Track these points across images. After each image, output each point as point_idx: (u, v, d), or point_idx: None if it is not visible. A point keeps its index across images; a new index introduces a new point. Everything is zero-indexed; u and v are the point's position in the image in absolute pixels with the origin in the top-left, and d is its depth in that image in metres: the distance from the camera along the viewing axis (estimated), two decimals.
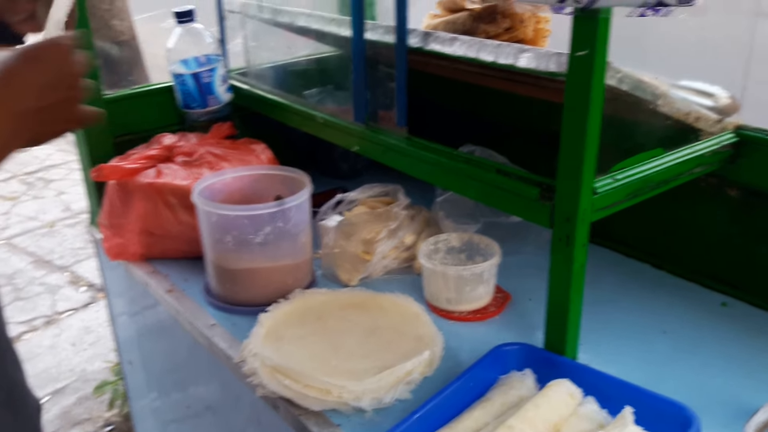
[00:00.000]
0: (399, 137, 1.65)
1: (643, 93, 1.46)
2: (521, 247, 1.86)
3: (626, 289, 1.73)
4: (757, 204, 1.58)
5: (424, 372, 1.42)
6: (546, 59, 1.41)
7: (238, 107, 2.21)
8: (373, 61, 1.73)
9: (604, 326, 1.58)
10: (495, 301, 1.68)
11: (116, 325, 2.38)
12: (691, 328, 1.57)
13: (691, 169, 1.49)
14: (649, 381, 1.31)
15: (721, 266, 1.68)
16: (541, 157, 1.40)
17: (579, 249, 1.28)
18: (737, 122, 1.57)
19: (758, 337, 1.53)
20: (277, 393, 1.37)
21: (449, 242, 1.75)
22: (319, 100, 2.07)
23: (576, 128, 1.20)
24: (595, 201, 1.28)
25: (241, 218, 1.61)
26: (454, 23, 1.79)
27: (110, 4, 4.82)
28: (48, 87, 1.05)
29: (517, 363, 1.39)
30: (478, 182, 1.46)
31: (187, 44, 2.04)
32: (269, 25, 2.22)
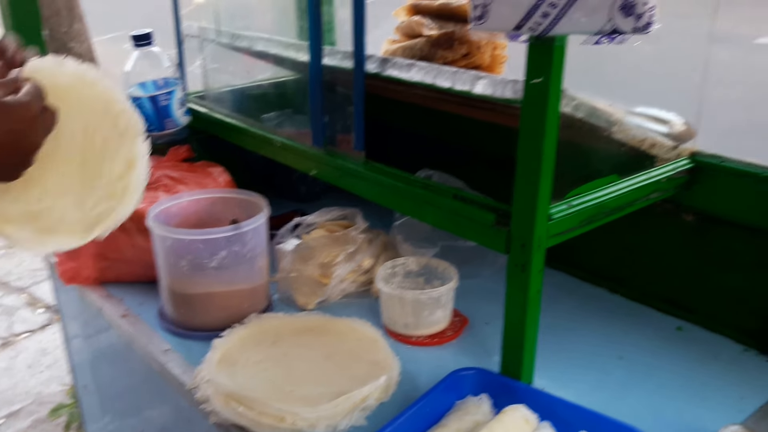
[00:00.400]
0: (356, 161, 1.65)
1: (598, 120, 1.47)
2: (479, 271, 1.86)
3: (583, 313, 1.74)
4: (712, 229, 1.60)
5: (380, 398, 1.41)
6: (502, 86, 1.42)
7: (196, 130, 2.19)
8: (332, 85, 1.74)
9: (561, 351, 1.58)
10: (452, 325, 1.68)
11: (71, 348, 2.35)
12: (647, 352, 1.58)
13: (647, 195, 1.50)
14: (605, 406, 1.32)
15: (677, 291, 1.70)
16: (499, 182, 1.40)
17: (535, 275, 1.29)
18: (692, 148, 1.59)
19: (713, 362, 1.54)
20: (230, 420, 1.36)
21: (407, 266, 1.75)
22: (277, 124, 2.07)
23: (531, 155, 1.21)
24: (551, 227, 1.29)
25: (196, 242, 1.60)
26: (412, 49, 1.79)
27: (68, 27, 4.80)
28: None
29: (473, 388, 1.39)
30: (434, 207, 1.46)
31: (144, 67, 2.02)
32: (228, 49, 2.23)
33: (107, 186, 1.24)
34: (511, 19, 1.14)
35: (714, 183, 1.55)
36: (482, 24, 1.19)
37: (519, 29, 1.14)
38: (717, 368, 1.52)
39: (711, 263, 1.62)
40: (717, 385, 1.47)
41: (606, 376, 1.51)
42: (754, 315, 1.57)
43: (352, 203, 1.91)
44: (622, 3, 1.06)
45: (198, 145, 2.17)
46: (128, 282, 1.88)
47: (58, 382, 3.75)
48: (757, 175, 1.48)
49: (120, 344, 1.88)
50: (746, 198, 1.50)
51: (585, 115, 1.44)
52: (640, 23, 1.06)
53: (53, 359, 3.95)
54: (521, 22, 1.13)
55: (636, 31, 1.08)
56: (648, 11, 1.06)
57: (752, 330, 1.58)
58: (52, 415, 3.45)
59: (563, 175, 1.28)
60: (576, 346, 1.61)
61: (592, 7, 1.08)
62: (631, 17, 1.06)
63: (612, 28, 1.08)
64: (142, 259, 1.78)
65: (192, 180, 1.95)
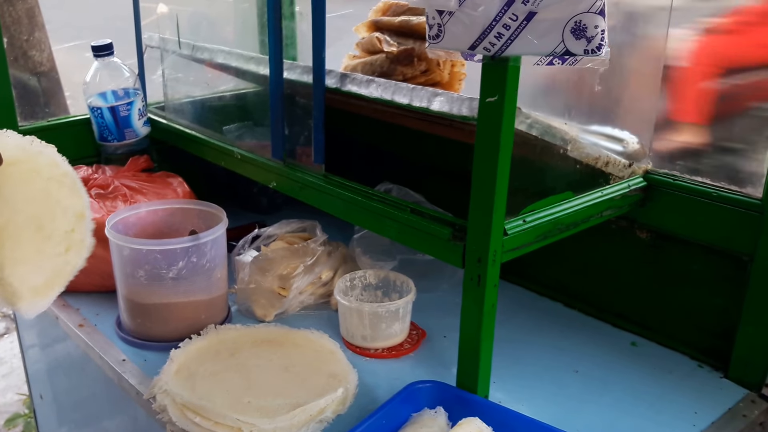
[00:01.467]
0: (316, 174, 1.66)
1: (553, 138, 1.49)
2: (437, 285, 1.88)
3: (539, 327, 1.75)
4: (666, 246, 1.63)
5: (338, 410, 1.42)
6: (458, 103, 1.44)
7: (155, 141, 2.20)
8: (292, 99, 1.75)
9: (517, 364, 1.60)
10: (410, 338, 1.69)
11: (27, 357, 2.33)
12: (602, 367, 1.60)
13: (601, 212, 1.52)
14: (560, 419, 1.35)
15: (631, 306, 1.73)
16: (457, 196, 1.41)
17: (490, 289, 1.30)
18: (646, 167, 1.61)
19: (666, 376, 1.57)
20: (187, 430, 1.37)
21: (366, 279, 1.76)
22: (237, 136, 2.07)
23: (486, 171, 1.22)
24: (506, 242, 1.30)
25: (154, 252, 1.60)
26: (372, 64, 1.81)
27: (29, 35, 4.76)
28: None
29: (429, 401, 1.40)
30: (393, 221, 1.47)
31: (104, 78, 2.03)
32: (189, 60, 2.23)
33: (62, 242, 1.30)
34: (466, 39, 1.16)
35: (667, 201, 1.58)
36: (438, 43, 1.21)
37: (474, 49, 1.16)
38: (671, 383, 1.55)
39: (665, 280, 1.65)
40: (671, 399, 1.50)
41: (561, 389, 1.53)
42: (707, 331, 1.60)
43: (313, 216, 1.92)
44: (573, 26, 1.08)
45: (158, 156, 2.17)
46: (85, 291, 1.87)
47: (15, 391, 3.71)
48: (710, 194, 1.50)
49: (77, 354, 1.87)
50: (699, 216, 1.53)
51: (539, 133, 1.46)
52: (590, 45, 1.09)
53: (10, 368, 3.92)
54: (476, 42, 1.15)
55: (587, 53, 1.10)
56: (599, 34, 1.08)
57: (705, 346, 1.61)
58: (7, 425, 3.43)
59: (518, 191, 1.30)
60: (532, 360, 1.63)
61: (545, 29, 1.10)
62: (582, 39, 1.09)
63: (564, 50, 1.10)
64: (100, 268, 1.76)
65: (151, 190, 1.95)
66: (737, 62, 1.59)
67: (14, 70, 4.71)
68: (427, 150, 2.09)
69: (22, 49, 4.79)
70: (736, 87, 1.60)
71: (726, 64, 1.60)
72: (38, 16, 4.85)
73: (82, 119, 2.18)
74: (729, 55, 1.60)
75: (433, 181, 2.00)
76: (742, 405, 1.47)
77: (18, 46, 4.78)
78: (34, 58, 4.81)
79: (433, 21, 1.20)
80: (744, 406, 1.47)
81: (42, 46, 4.84)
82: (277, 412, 1.37)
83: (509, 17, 1.11)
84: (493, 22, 1.13)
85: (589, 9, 1.07)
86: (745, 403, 1.48)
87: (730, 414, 1.45)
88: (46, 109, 4.93)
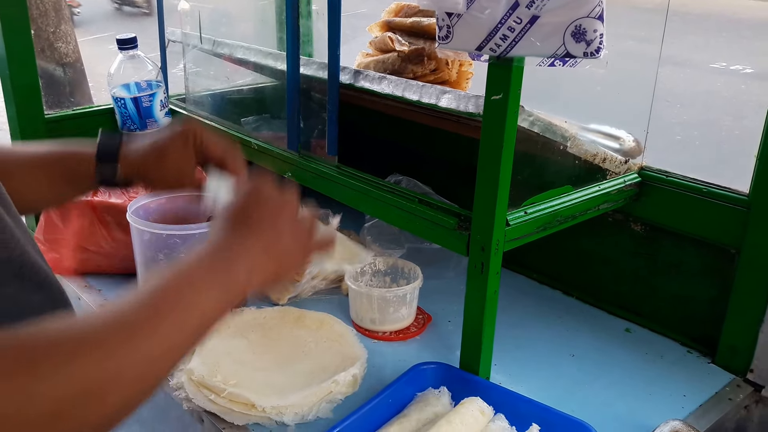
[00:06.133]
0: (329, 165, 1.71)
1: (554, 135, 1.53)
2: (443, 272, 1.92)
3: (538, 314, 1.80)
4: (658, 238, 1.68)
5: (347, 391, 1.46)
6: (465, 101, 1.49)
7: None
8: (308, 93, 1.79)
9: (517, 348, 1.64)
10: (417, 322, 1.73)
11: None
12: (597, 352, 1.65)
13: (598, 206, 1.56)
14: (556, 400, 1.38)
15: (626, 295, 1.77)
16: (463, 188, 1.45)
17: (492, 276, 1.34)
18: (641, 164, 1.66)
19: (658, 361, 1.61)
20: (202, 407, 1.40)
21: (375, 265, 1.80)
22: (255, 128, 2.11)
23: (490, 165, 1.27)
24: (508, 232, 1.34)
25: (174, 237, 1.64)
26: (384, 62, 1.86)
27: (56, 27, 4.81)
28: (275, 225, 1.03)
29: (434, 381, 1.44)
30: (401, 211, 1.52)
31: (128, 70, 2.08)
32: (209, 54, 2.27)
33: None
34: (473, 40, 1.21)
35: (660, 196, 1.62)
36: (447, 43, 1.26)
37: (480, 50, 1.21)
38: (662, 368, 1.59)
39: (657, 270, 1.70)
40: (662, 383, 1.54)
41: (559, 372, 1.57)
42: (696, 320, 1.65)
43: (325, 205, 1.92)
44: (574, 30, 1.13)
45: None
46: (107, 274, 1.91)
47: None
48: (700, 190, 1.55)
49: None
50: (690, 211, 1.58)
51: (541, 130, 1.50)
52: (590, 48, 1.13)
53: None
54: (482, 43, 1.20)
55: (586, 56, 1.14)
56: (597, 38, 1.12)
57: (695, 334, 1.66)
58: None
59: (520, 184, 1.34)
60: (531, 344, 1.67)
61: (547, 32, 1.15)
62: (582, 43, 1.13)
63: (565, 52, 1.15)
64: (121, 252, 1.83)
65: None
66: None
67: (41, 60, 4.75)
68: (435, 144, 2.12)
69: (48, 40, 4.84)
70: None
71: None
72: (64, 9, 4.90)
73: (106, 109, 2.23)
74: None
75: (441, 173, 2.04)
76: (729, 389, 1.52)
77: (45, 38, 4.82)
78: (60, 49, 4.86)
79: (443, 22, 1.25)
80: (730, 390, 1.51)
81: (68, 38, 4.88)
82: (290, 391, 1.41)
83: (514, 20, 1.16)
84: (499, 25, 1.17)
85: (588, 14, 1.11)
86: (731, 387, 1.52)
87: (717, 397, 1.49)
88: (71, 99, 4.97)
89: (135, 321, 0.79)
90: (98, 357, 0.73)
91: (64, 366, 0.70)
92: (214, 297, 0.89)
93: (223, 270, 0.92)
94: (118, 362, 0.75)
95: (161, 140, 1.25)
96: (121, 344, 0.76)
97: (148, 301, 0.82)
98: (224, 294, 0.90)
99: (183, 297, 0.85)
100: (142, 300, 0.83)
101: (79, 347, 0.73)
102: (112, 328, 0.77)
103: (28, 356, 0.69)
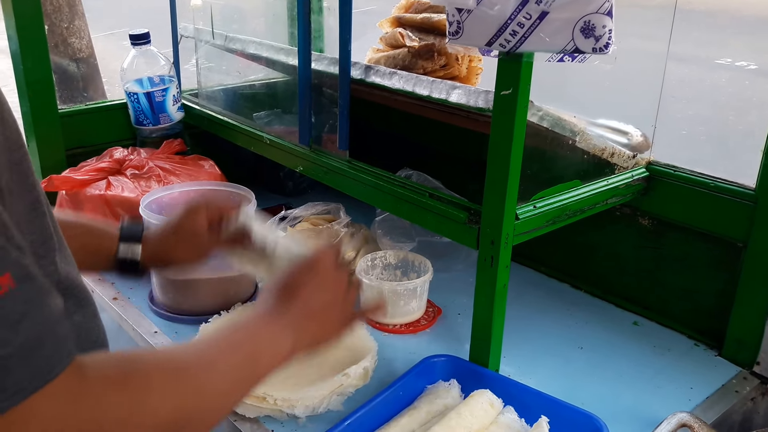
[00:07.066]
0: (340, 160, 1.72)
1: (563, 130, 1.55)
2: (453, 266, 1.93)
3: (547, 307, 1.81)
4: (666, 232, 1.69)
5: (358, 384, 1.47)
6: (475, 96, 1.50)
7: (189, 125, 2.26)
8: (319, 88, 1.80)
9: (526, 341, 1.65)
10: (427, 315, 1.74)
11: None
12: (605, 344, 1.66)
13: (606, 200, 1.58)
14: (565, 393, 1.39)
15: (634, 288, 1.78)
16: (472, 183, 1.46)
17: (502, 270, 1.36)
18: (649, 158, 1.66)
19: (665, 354, 1.62)
20: None
21: (386, 259, 1.81)
22: (267, 122, 2.12)
23: (500, 159, 1.28)
24: (517, 226, 1.35)
25: None
26: (394, 58, 1.86)
27: (69, 23, 4.83)
28: (325, 295, 1.13)
29: (444, 374, 1.45)
30: (412, 205, 1.53)
31: (141, 65, 2.10)
32: (221, 50, 2.29)
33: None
34: (483, 35, 1.22)
35: (668, 190, 1.63)
36: (457, 39, 1.27)
37: (490, 45, 1.22)
38: (669, 360, 1.60)
39: (665, 264, 1.70)
40: (669, 375, 1.55)
41: (567, 364, 1.59)
42: (703, 313, 1.66)
43: (336, 199, 1.97)
44: (583, 26, 1.14)
45: (190, 140, 2.24)
46: None
47: None
48: (707, 185, 1.56)
49: (111, 326, 1.88)
50: (697, 205, 1.58)
51: (550, 125, 1.51)
52: (599, 44, 1.14)
53: None
54: (492, 39, 1.21)
55: (595, 51, 1.15)
56: (606, 33, 1.13)
57: (702, 326, 1.67)
58: None
59: (530, 178, 1.35)
60: (540, 337, 1.68)
61: (556, 28, 1.15)
62: (591, 38, 1.14)
63: (574, 47, 1.16)
64: None
65: (184, 172, 2.02)
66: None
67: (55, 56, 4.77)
68: (445, 139, 2.14)
69: (62, 36, 4.86)
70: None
71: None
72: (78, 5, 4.90)
73: (119, 104, 2.25)
74: None
75: (451, 168, 2.04)
76: (735, 381, 1.53)
77: (58, 33, 4.84)
78: (73, 45, 4.88)
79: (453, 18, 1.25)
80: (737, 382, 1.53)
81: (81, 33, 4.90)
82: (301, 384, 1.41)
83: (523, 16, 1.16)
84: (509, 21, 1.18)
85: (597, 10, 1.12)
86: (738, 379, 1.53)
87: (724, 390, 1.51)
88: (85, 94, 4.99)
89: (212, 360, 0.91)
90: (191, 385, 0.86)
91: (172, 383, 0.83)
92: (268, 354, 1.01)
93: (272, 333, 1.04)
94: (205, 389, 0.88)
95: (175, 217, 1.36)
96: (203, 376, 0.88)
97: (220, 344, 0.97)
98: (274, 353, 1.02)
99: (242, 348, 0.98)
100: (217, 343, 0.97)
101: (177, 373, 0.85)
102: (195, 364, 0.88)
103: (141, 372, 0.80)
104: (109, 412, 0.74)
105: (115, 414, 0.74)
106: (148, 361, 0.84)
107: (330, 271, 1.15)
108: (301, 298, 1.09)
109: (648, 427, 1.31)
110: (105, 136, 2.23)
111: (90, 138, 2.22)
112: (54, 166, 2.08)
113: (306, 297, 1.10)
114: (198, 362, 0.89)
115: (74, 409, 0.71)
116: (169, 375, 0.83)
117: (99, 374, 0.75)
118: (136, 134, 2.24)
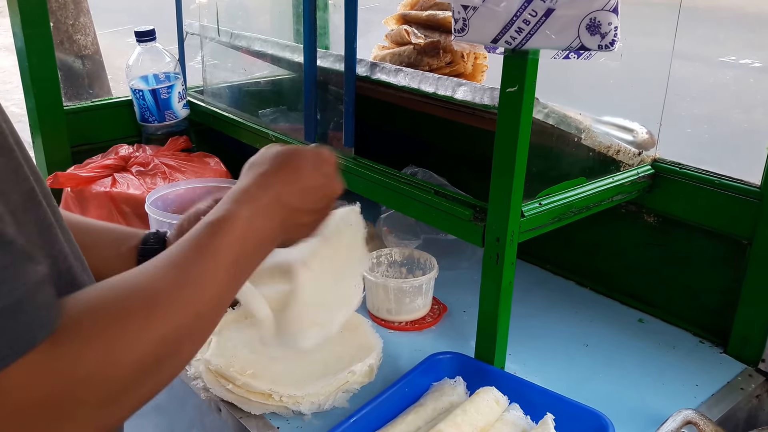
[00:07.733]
0: (346, 157, 1.72)
1: (568, 127, 1.55)
2: (458, 263, 1.93)
3: (553, 304, 1.81)
4: (671, 230, 1.68)
5: (364, 381, 1.47)
6: (480, 93, 1.50)
7: (194, 123, 2.26)
8: (324, 85, 1.81)
9: (532, 338, 1.65)
10: (432, 312, 1.75)
11: None
12: (611, 342, 1.66)
13: (612, 197, 1.57)
14: (570, 390, 1.39)
15: (639, 285, 1.78)
16: (478, 180, 1.46)
17: (507, 267, 1.36)
18: (654, 156, 1.66)
19: (670, 352, 1.62)
20: (220, 396, 1.42)
21: (391, 256, 1.81)
22: (272, 119, 2.13)
23: (506, 156, 1.28)
24: (523, 223, 1.35)
25: None
26: (400, 55, 1.87)
27: (74, 20, 4.84)
28: (311, 189, 1.08)
29: (449, 371, 1.45)
30: (417, 202, 1.53)
31: (146, 62, 2.10)
32: (227, 47, 2.29)
33: (344, 298, 1.31)
34: (489, 32, 1.22)
35: (673, 188, 1.63)
36: (463, 36, 1.27)
37: (496, 42, 1.22)
38: (674, 358, 1.60)
39: (670, 261, 1.70)
40: (674, 373, 1.55)
41: (572, 362, 1.59)
42: (708, 310, 1.65)
43: (342, 196, 1.95)
44: (588, 23, 1.13)
45: (196, 137, 2.24)
46: None
47: None
48: (713, 182, 1.56)
49: None
50: (702, 202, 1.58)
51: (555, 122, 1.52)
52: (604, 41, 1.14)
53: None
54: (498, 35, 1.21)
55: (601, 48, 1.15)
56: (612, 30, 1.13)
57: (707, 324, 1.67)
58: None
59: (535, 176, 1.35)
60: (545, 334, 1.68)
61: (562, 25, 1.15)
62: (597, 35, 1.14)
63: (579, 44, 1.16)
64: None
65: (189, 169, 2.02)
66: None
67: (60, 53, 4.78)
68: (450, 136, 2.13)
69: (67, 33, 4.87)
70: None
71: None
72: (83, 2, 4.92)
73: (125, 101, 2.25)
74: None
75: (456, 165, 2.05)
76: (740, 379, 1.53)
77: (64, 30, 4.85)
78: (79, 42, 4.89)
79: (459, 15, 1.25)
80: (742, 379, 1.53)
81: (87, 30, 4.91)
82: (307, 381, 1.41)
83: (529, 13, 1.16)
84: (514, 17, 1.18)
85: (603, 7, 1.12)
86: (743, 377, 1.53)
87: (729, 387, 1.50)
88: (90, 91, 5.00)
89: (186, 271, 0.86)
90: (182, 303, 0.83)
91: (172, 307, 0.81)
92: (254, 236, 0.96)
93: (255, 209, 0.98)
94: (192, 307, 0.84)
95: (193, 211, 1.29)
96: (199, 266, 0.86)
97: (185, 252, 0.89)
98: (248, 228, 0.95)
99: (209, 245, 0.90)
100: (184, 250, 0.89)
101: (170, 295, 0.82)
102: (174, 281, 0.84)
103: (146, 297, 0.79)
104: (89, 366, 0.72)
105: (95, 364, 0.72)
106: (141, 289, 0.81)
107: (323, 170, 1.12)
108: (280, 178, 1.05)
109: (653, 425, 1.30)
110: (110, 133, 2.23)
111: (95, 135, 2.23)
112: (59, 163, 2.08)
113: (288, 178, 1.05)
114: (190, 256, 0.87)
115: (53, 375, 0.69)
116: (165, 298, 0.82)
117: (74, 331, 0.72)
118: (141, 131, 2.24)
